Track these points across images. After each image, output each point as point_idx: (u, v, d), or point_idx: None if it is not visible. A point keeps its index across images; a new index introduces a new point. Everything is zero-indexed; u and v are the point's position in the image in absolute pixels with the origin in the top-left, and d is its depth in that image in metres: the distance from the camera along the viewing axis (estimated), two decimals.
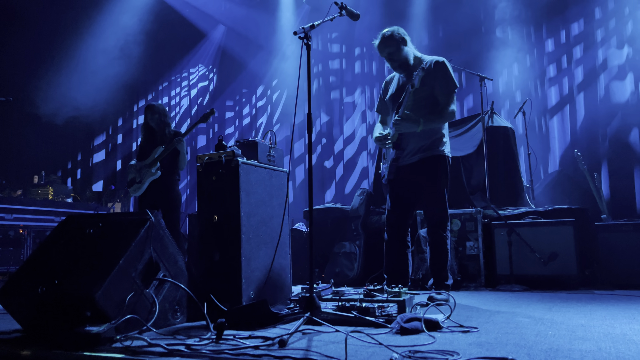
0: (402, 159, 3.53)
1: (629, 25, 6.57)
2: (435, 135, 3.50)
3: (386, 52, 3.51)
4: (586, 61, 6.86)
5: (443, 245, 3.47)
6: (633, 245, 4.32)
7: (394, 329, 2.40)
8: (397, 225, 3.61)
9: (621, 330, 2.39)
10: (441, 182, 3.48)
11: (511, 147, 5.57)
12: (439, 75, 3.42)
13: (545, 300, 3.54)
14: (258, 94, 9.89)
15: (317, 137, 8.92)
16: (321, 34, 9.01)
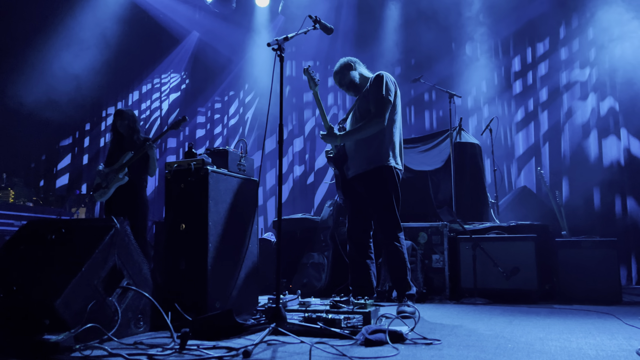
0: (351, 170, 3.62)
1: (593, 49, 6.84)
2: (377, 147, 3.52)
3: (336, 79, 3.76)
4: (550, 81, 7.10)
5: (398, 255, 3.46)
6: (591, 261, 4.47)
7: (359, 340, 2.42)
8: (357, 238, 3.66)
9: (577, 344, 2.47)
10: (389, 193, 3.48)
11: (478, 163, 5.70)
12: (372, 87, 3.55)
13: (506, 314, 3.63)
14: (230, 102, 9.85)
15: (289, 145, 8.92)
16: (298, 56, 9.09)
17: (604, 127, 6.62)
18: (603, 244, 4.53)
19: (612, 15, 6.53)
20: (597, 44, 6.75)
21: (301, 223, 5.55)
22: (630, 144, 6.44)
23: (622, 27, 6.45)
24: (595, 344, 2.46)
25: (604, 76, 6.64)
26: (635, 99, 6.35)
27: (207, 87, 9.72)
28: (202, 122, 10.01)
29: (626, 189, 6.39)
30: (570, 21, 7.04)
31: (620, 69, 6.47)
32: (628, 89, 6.38)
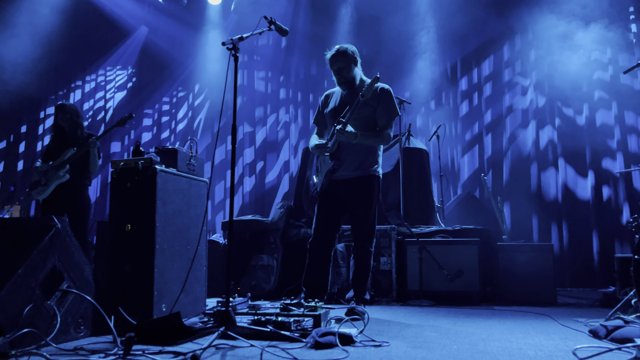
0: (339, 172, 3.59)
1: (534, 73, 7.17)
2: (372, 155, 3.62)
3: (337, 65, 3.60)
4: (494, 104, 7.41)
5: (368, 261, 3.59)
6: (529, 264, 4.69)
7: (309, 343, 2.42)
8: (324, 239, 3.66)
9: (517, 344, 2.58)
10: (374, 201, 3.60)
11: (425, 168, 5.86)
12: (383, 99, 3.58)
13: (450, 315, 3.74)
14: (180, 100, 9.56)
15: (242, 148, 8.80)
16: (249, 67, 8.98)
17: (544, 157, 6.95)
18: (540, 248, 4.76)
19: (552, 40, 6.89)
20: (539, 66, 7.09)
21: (250, 224, 5.50)
22: (568, 175, 6.80)
23: (560, 52, 6.81)
24: (534, 344, 2.58)
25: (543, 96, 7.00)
26: (571, 126, 6.74)
27: (155, 87, 9.41)
28: (149, 124, 9.64)
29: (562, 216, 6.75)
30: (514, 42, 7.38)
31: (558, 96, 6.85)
32: (564, 116, 6.77)
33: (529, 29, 7.17)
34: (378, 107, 3.56)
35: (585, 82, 6.76)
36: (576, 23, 6.63)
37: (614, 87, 6.64)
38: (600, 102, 6.69)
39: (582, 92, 6.74)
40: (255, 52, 8.99)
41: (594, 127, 6.68)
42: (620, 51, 6.60)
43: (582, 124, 6.77)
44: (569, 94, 6.77)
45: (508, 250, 4.85)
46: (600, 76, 6.77)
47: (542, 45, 7.02)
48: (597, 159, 6.61)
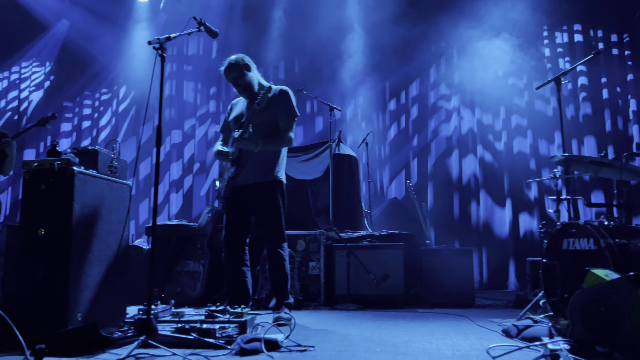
0: (240, 177, 3.56)
1: (456, 97, 7.52)
2: (273, 161, 3.62)
3: (231, 76, 3.60)
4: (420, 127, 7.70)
5: (282, 265, 3.57)
6: (450, 268, 4.90)
7: (234, 350, 2.39)
8: (234, 245, 3.63)
9: (437, 345, 2.69)
10: (278, 205, 3.59)
11: (354, 175, 5.97)
12: (282, 101, 3.59)
13: (376, 319, 3.83)
14: (104, 104, 8.99)
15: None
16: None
17: (464, 145, 7.32)
18: (460, 252, 4.99)
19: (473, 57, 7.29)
20: (462, 90, 7.45)
21: (177, 229, 5.34)
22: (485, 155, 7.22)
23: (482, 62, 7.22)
24: (452, 345, 2.69)
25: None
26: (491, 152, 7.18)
27: (77, 88, 8.82)
28: (68, 129, 8.89)
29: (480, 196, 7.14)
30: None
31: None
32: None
33: (454, 52, 7.52)
34: (277, 110, 3.57)
35: (505, 107, 7.20)
36: (490, 41, 7.05)
37: (531, 113, 7.12)
38: (518, 130, 7.15)
39: (500, 119, 7.18)
40: (185, 61, 8.68)
41: (512, 154, 7.12)
42: (536, 78, 7.07)
43: (501, 149, 7.19)
44: (488, 117, 7.20)
45: (431, 254, 5.04)
46: (517, 102, 7.22)
47: (466, 67, 7.38)
48: (515, 187, 7.04)
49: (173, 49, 8.62)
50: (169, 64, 8.50)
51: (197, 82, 8.56)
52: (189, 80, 8.57)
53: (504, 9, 6.94)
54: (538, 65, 7.09)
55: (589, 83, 6.97)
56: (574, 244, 3.03)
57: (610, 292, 2.20)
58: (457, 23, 7.14)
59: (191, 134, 8.45)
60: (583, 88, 6.97)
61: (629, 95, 6.79)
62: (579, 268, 2.71)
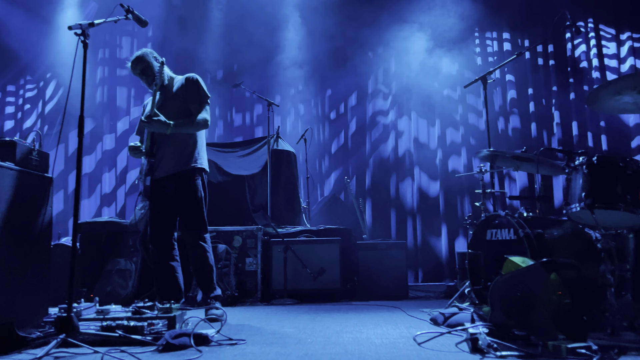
0: (158, 170, 3.49)
1: (393, 84, 7.68)
2: (190, 148, 3.53)
3: (139, 68, 3.53)
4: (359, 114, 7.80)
5: (205, 258, 3.49)
6: (385, 261, 5.01)
7: (161, 346, 2.33)
8: (161, 241, 3.54)
9: (367, 335, 2.74)
10: (199, 194, 3.50)
11: (292, 170, 5.98)
12: (190, 86, 3.54)
13: (311, 312, 3.85)
14: (27, 97, 8.41)
15: None
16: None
17: (402, 166, 7.49)
18: (395, 246, 5.12)
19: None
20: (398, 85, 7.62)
21: (107, 226, 5.12)
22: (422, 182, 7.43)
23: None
24: (381, 334, 2.76)
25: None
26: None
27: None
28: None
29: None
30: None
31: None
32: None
33: (391, 47, 7.66)
34: (187, 95, 3.53)
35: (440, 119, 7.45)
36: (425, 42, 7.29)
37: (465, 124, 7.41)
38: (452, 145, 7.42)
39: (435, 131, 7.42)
40: (119, 65, 8.29)
41: (445, 143, 7.37)
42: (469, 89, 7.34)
43: (435, 127, 7.43)
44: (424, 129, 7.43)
45: (367, 248, 5.14)
46: (452, 114, 7.49)
47: (402, 61, 7.55)
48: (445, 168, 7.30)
49: (104, 52, 8.19)
50: (101, 67, 8.11)
51: (130, 88, 8.17)
52: (122, 86, 8.15)
53: (434, 16, 7.16)
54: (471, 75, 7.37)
55: (517, 96, 7.29)
56: (497, 234, 3.19)
57: (526, 278, 2.33)
58: (393, 32, 7.31)
59: (124, 142, 8.06)
60: (512, 102, 7.28)
61: (552, 108, 7.18)
62: (501, 257, 2.84)
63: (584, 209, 2.65)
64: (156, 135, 3.50)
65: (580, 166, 2.72)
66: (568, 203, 2.80)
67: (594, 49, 7.13)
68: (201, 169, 3.57)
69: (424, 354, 2.18)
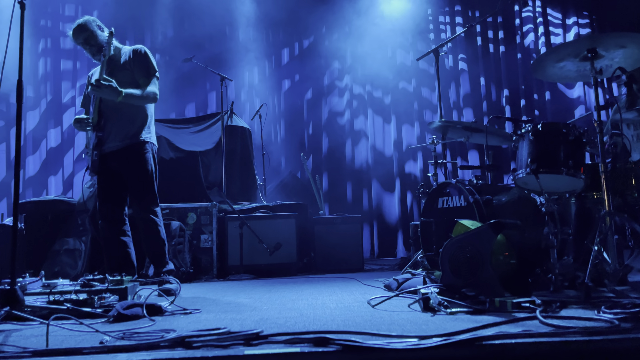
0: (107, 144, 3.38)
1: (349, 52, 7.68)
2: (139, 122, 3.45)
3: (82, 37, 3.39)
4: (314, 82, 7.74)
5: (157, 232, 3.42)
6: (341, 235, 5.07)
7: (112, 317, 2.27)
8: (111, 215, 3.45)
9: (322, 301, 2.77)
10: (149, 168, 3.42)
11: (247, 147, 5.92)
12: (137, 59, 3.44)
13: (267, 285, 3.86)
14: None
15: None
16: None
17: (357, 135, 7.53)
18: (350, 220, 5.18)
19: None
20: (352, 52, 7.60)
21: (53, 205, 4.93)
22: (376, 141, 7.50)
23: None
24: (337, 299, 2.80)
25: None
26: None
27: None
28: None
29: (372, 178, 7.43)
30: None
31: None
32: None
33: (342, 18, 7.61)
34: (135, 68, 3.43)
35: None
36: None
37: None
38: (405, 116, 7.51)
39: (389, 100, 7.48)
40: (63, 35, 7.83)
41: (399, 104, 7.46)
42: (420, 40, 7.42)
43: (389, 102, 7.51)
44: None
45: (323, 223, 5.18)
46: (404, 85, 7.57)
47: (354, 33, 7.53)
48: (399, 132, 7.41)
49: (46, 21, 7.73)
50: (42, 40, 7.66)
51: (75, 60, 7.78)
52: (67, 59, 7.75)
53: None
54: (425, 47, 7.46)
55: (469, 71, 7.46)
56: (448, 202, 3.28)
57: (474, 239, 2.41)
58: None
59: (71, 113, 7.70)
60: (464, 81, 7.45)
61: (502, 79, 7.40)
62: (452, 224, 2.93)
63: (529, 174, 2.75)
64: (104, 109, 3.37)
65: (527, 133, 2.82)
66: (515, 170, 2.90)
67: (542, 36, 7.39)
68: (150, 142, 3.48)
69: (377, 314, 2.22)
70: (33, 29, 7.30)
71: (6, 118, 7.37)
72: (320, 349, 1.54)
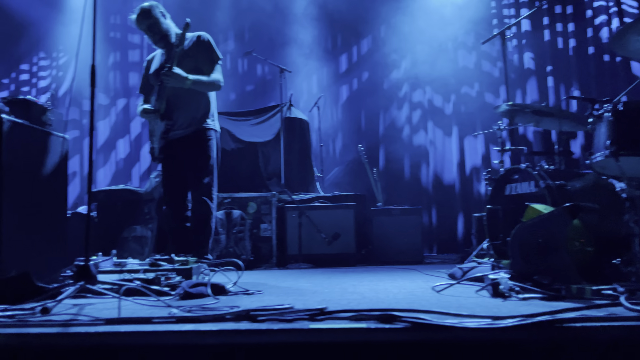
0: (174, 132, 3.40)
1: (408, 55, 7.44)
2: (204, 109, 3.46)
3: (145, 24, 3.39)
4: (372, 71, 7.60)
5: (208, 219, 3.40)
6: (399, 227, 4.98)
7: (179, 295, 2.33)
8: (174, 203, 3.47)
9: (384, 286, 2.72)
10: (212, 155, 3.42)
11: (306, 138, 5.93)
12: (202, 47, 3.44)
13: (327, 273, 3.85)
14: (40, 59, 8.37)
15: None
16: None
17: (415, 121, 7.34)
18: (410, 211, 5.08)
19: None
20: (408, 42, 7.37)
21: (122, 194, 5.15)
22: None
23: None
24: (399, 285, 2.74)
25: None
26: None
27: (12, 45, 8.22)
28: (3, 87, 8.39)
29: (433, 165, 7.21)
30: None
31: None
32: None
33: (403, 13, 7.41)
34: (198, 55, 3.42)
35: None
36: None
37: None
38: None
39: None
40: (131, 48, 8.21)
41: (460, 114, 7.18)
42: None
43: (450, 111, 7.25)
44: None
45: (381, 214, 5.10)
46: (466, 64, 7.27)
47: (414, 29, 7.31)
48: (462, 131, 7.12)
49: (115, 32, 8.10)
50: (112, 54, 8.04)
51: (142, 49, 8.13)
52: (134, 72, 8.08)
53: None
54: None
55: (536, 69, 7.04)
56: (516, 188, 3.12)
57: (547, 224, 2.27)
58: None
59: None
60: (531, 81, 7.05)
61: (570, 52, 6.94)
62: (520, 211, 2.79)
63: (608, 157, 2.55)
64: (169, 97, 3.38)
65: (605, 113, 2.63)
66: (592, 153, 2.71)
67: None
68: (214, 130, 3.50)
69: (443, 298, 2.15)
70: (103, 43, 7.67)
71: (80, 127, 7.75)
72: (387, 325, 1.49)
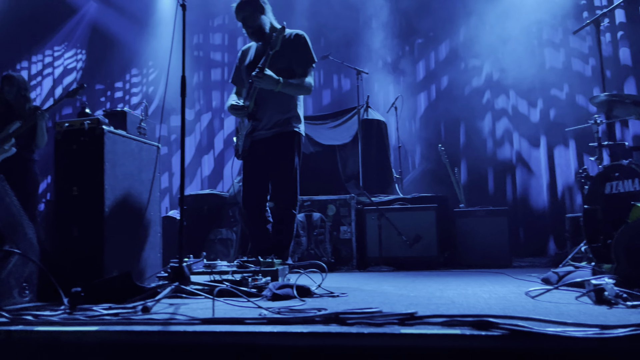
0: (258, 132, 3.39)
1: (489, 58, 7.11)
2: (291, 112, 3.41)
3: (241, 15, 3.37)
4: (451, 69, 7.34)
5: (290, 224, 3.38)
6: (484, 228, 4.78)
7: (266, 296, 2.38)
8: (255, 204, 3.45)
9: (473, 291, 2.62)
10: (294, 159, 3.38)
11: (383, 140, 5.87)
12: (298, 46, 3.38)
13: (409, 277, 3.77)
14: (132, 76, 9.05)
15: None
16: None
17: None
18: (495, 213, 4.86)
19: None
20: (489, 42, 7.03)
21: (208, 199, 5.38)
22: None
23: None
24: (489, 290, 2.62)
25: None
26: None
27: (106, 61, 8.88)
28: (102, 100, 9.09)
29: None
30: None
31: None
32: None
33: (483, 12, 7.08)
34: (293, 55, 3.35)
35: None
36: None
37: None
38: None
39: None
40: (213, 49, 8.59)
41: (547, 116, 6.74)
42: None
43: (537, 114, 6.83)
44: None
45: (465, 215, 4.93)
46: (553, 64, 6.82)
47: (495, 30, 6.95)
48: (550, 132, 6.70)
49: (199, 52, 8.53)
50: (197, 70, 8.46)
51: (224, 67, 8.45)
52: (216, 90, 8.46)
53: None
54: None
55: (633, 67, 6.44)
56: (618, 186, 2.89)
57: None
58: None
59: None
60: (629, 81, 6.45)
61: None
62: (622, 212, 2.58)
63: None
64: (257, 97, 3.33)
65: None
66: None
67: None
68: (299, 134, 3.45)
69: (540, 305, 2.03)
70: (188, 62, 8.06)
71: (168, 143, 8.18)
72: (483, 332, 1.43)
